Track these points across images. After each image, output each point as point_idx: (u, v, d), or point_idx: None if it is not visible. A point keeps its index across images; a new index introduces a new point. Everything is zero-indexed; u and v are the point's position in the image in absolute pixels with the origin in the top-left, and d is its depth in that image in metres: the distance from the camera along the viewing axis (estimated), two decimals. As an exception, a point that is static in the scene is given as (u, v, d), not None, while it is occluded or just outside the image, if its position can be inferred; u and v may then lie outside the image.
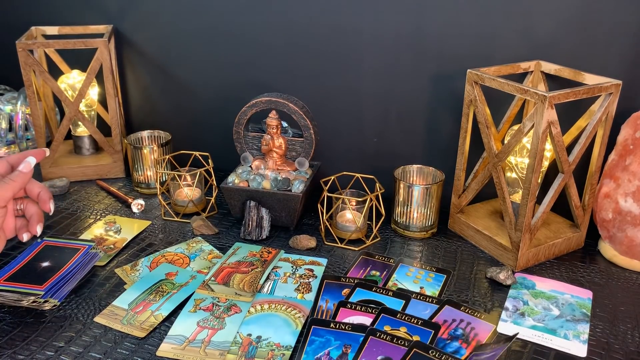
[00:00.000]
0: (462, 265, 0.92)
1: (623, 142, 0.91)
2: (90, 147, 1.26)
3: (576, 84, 0.90)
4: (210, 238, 0.99)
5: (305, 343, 0.72)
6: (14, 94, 1.29)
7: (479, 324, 0.77)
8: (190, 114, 1.26)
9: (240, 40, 1.15)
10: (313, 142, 1.01)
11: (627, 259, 0.91)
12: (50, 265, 0.85)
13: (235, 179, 1.02)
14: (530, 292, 0.85)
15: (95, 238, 0.98)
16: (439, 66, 1.03)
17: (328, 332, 0.73)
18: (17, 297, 0.79)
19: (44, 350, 0.72)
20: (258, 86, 1.13)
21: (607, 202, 0.92)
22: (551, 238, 0.93)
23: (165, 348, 0.72)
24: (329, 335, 0.73)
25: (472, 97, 0.91)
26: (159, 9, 1.19)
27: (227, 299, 0.82)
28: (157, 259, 0.92)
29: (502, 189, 0.89)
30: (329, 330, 0.74)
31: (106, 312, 0.79)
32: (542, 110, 0.79)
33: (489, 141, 0.90)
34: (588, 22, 0.92)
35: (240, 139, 1.04)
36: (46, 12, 1.28)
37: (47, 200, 0.78)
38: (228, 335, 0.75)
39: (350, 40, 1.07)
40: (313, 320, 0.75)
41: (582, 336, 0.76)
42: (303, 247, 0.95)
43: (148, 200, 1.11)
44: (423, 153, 1.11)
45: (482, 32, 0.98)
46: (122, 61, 1.26)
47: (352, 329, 0.73)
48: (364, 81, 1.09)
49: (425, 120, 1.08)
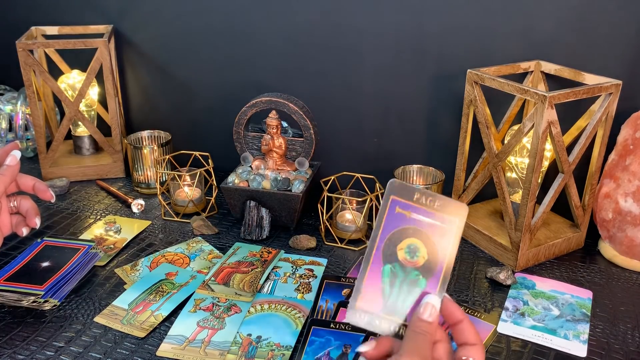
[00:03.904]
0: (462, 265, 0.92)
1: (623, 142, 0.91)
2: (90, 147, 1.26)
3: (576, 84, 0.90)
4: (210, 238, 0.99)
5: (305, 343, 0.72)
6: (14, 94, 1.29)
7: (479, 324, 0.77)
8: (190, 114, 1.26)
9: (240, 40, 1.15)
10: (313, 142, 1.01)
11: (627, 259, 0.91)
12: (50, 265, 0.85)
13: (235, 179, 1.02)
14: (531, 292, 0.85)
15: (95, 238, 0.98)
16: (439, 66, 1.03)
17: (328, 332, 0.73)
18: (17, 297, 0.79)
19: (44, 350, 0.72)
20: (258, 86, 1.13)
21: (607, 202, 0.92)
22: (551, 238, 0.93)
23: (165, 348, 0.72)
24: (329, 335, 0.73)
25: (472, 97, 0.91)
26: (159, 9, 1.19)
27: (227, 299, 0.81)
28: (157, 259, 0.92)
29: (502, 189, 0.89)
30: (329, 330, 0.74)
31: (106, 312, 0.79)
32: (542, 110, 0.79)
33: (489, 141, 0.90)
34: (588, 22, 0.92)
35: (240, 139, 1.04)
36: (46, 12, 1.28)
37: (45, 189, 0.78)
38: (228, 335, 0.75)
39: (351, 40, 1.07)
40: (313, 321, 0.75)
41: (582, 336, 0.76)
42: (303, 247, 0.95)
43: (148, 200, 1.11)
44: (423, 153, 1.11)
45: (483, 32, 0.98)
46: (122, 61, 1.26)
47: (352, 329, 0.73)
48: (364, 81, 1.09)
49: (425, 120, 1.08)
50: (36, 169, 1.21)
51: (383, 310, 0.54)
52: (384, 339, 0.54)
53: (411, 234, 0.55)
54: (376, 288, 0.55)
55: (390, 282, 0.55)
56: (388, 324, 0.54)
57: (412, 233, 0.55)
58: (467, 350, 0.53)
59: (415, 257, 0.55)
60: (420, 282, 0.55)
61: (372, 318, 0.54)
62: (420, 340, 0.51)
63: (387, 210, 0.55)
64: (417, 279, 0.55)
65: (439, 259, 0.55)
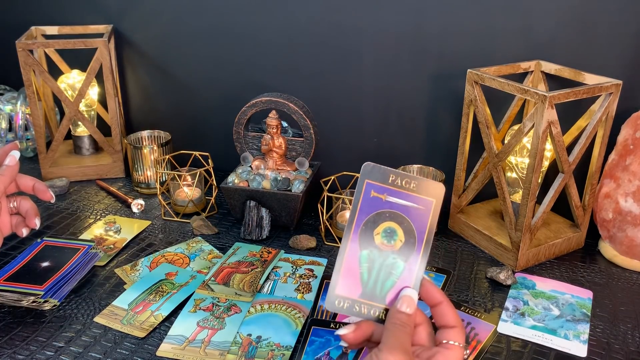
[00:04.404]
0: (462, 265, 0.92)
1: (623, 142, 0.91)
2: (90, 147, 1.26)
3: (576, 83, 0.90)
4: (210, 238, 0.99)
5: (305, 343, 0.72)
6: (14, 94, 1.29)
7: (479, 324, 0.77)
8: (190, 114, 1.26)
9: (240, 40, 1.15)
10: (313, 142, 1.01)
11: (627, 259, 0.91)
12: (50, 265, 0.85)
13: (235, 179, 1.02)
14: (531, 292, 0.84)
15: (95, 238, 0.98)
16: (439, 66, 1.03)
17: (328, 332, 0.73)
18: (17, 297, 0.79)
19: (44, 350, 0.72)
20: (258, 86, 1.13)
21: (607, 202, 0.92)
22: (551, 238, 0.93)
23: (165, 348, 0.72)
24: (329, 335, 0.73)
25: (472, 97, 0.91)
26: (159, 9, 1.19)
27: (227, 299, 0.81)
28: (157, 259, 0.92)
29: (502, 189, 0.89)
30: (329, 330, 0.74)
31: (106, 312, 0.79)
32: (542, 110, 0.79)
33: (489, 141, 0.90)
34: (588, 22, 0.92)
35: (240, 139, 1.04)
36: (46, 12, 1.28)
37: (45, 190, 0.78)
38: (228, 335, 0.74)
39: (351, 40, 1.07)
40: (313, 321, 0.75)
41: (582, 336, 0.76)
42: (303, 247, 0.95)
43: (148, 200, 1.11)
44: (423, 153, 1.11)
45: (483, 32, 0.98)
46: (122, 61, 1.26)
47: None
48: (364, 81, 1.09)
49: (425, 120, 1.08)
50: (36, 169, 1.21)
51: (362, 295, 0.54)
52: (364, 323, 0.54)
53: (387, 217, 0.55)
54: (354, 274, 0.54)
55: (368, 267, 0.55)
56: (368, 308, 0.54)
57: (389, 216, 0.55)
58: (447, 333, 0.53)
59: (393, 240, 0.55)
60: (398, 266, 0.55)
61: (353, 304, 0.54)
62: (399, 332, 0.52)
63: (362, 195, 0.55)
64: (395, 262, 0.55)
65: (416, 241, 0.55)
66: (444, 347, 0.52)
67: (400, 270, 0.55)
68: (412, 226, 0.55)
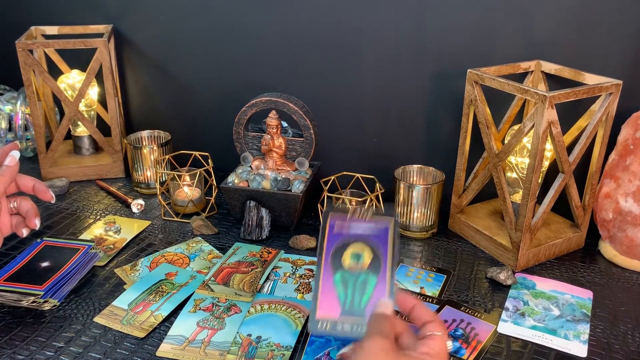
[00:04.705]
0: (462, 266, 0.92)
1: (623, 142, 0.91)
2: (90, 147, 1.26)
3: (576, 83, 0.90)
4: (210, 238, 0.99)
5: (305, 343, 0.72)
6: (14, 94, 1.29)
7: (479, 324, 0.77)
8: (190, 114, 1.26)
9: (240, 40, 1.15)
10: (313, 142, 1.01)
11: (627, 259, 0.91)
12: (50, 265, 0.85)
13: (235, 179, 1.02)
14: (531, 292, 0.84)
15: (95, 238, 0.98)
16: (439, 66, 1.03)
17: (328, 332, 0.74)
18: (17, 297, 0.79)
19: (44, 350, 0.72)
20: (258, 86, 1.13)
21: (607, 202, 0.92)
22: (551, 238, 0.93)
23: (165, 348, 0.72)
24: (329, 335, 0.73)
25: (472, 97, 0.90)
26: (159, 9, 1.19)
27: (227, 299, 0.81)
28: (157, 259, 0.92)
29: (502, 189, 0.89)
30: (329, 331, 0.74)
31: (106, 312, 0.79)
32: (542, 110, 0.79)
33: (489, 141, 0.90)
34: (588, 22, 0.92)
35: (240, 139, 1.04)
36: (46, 12, 1.28)
37: (45, 190, 0.78)
38: (228, 335, 0.74)
39: (350, 40, 1.07)
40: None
41: (582, 336, 0.76)
42: (303, 247, 0.95)
43: (148, 200, 1.11)
44: (423, 153, 1.11)
45: (483, 32, 0.98)
46: (122, 61, 1.26)
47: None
48: (364, 81, 1.09)
49: (425, 120, 1.08)
50: (36, 169, 1.20)
51: (343, 313, 0.60)
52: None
53: (353, 243, 0.63)
54: (332, 296, 0.60)
55: (344, 287, 0.61)
56: (351, 325, 0.59)
57: (354, 242, 0.63)
58: (426, 328, 0.57)
59: (361, 260, 0.62)
60: (371, 280, 0.61)
61: (335, 323, 0.59)
62: (378, 322, 0.57)
63: (327, 232, 0.64)
64: (367, 278, 0.61)
65: (382, 256, 0.62)
66: (427, 338, 0.56)
67: (373, 284, 0.61)
68: (375, 245, 0.62)
